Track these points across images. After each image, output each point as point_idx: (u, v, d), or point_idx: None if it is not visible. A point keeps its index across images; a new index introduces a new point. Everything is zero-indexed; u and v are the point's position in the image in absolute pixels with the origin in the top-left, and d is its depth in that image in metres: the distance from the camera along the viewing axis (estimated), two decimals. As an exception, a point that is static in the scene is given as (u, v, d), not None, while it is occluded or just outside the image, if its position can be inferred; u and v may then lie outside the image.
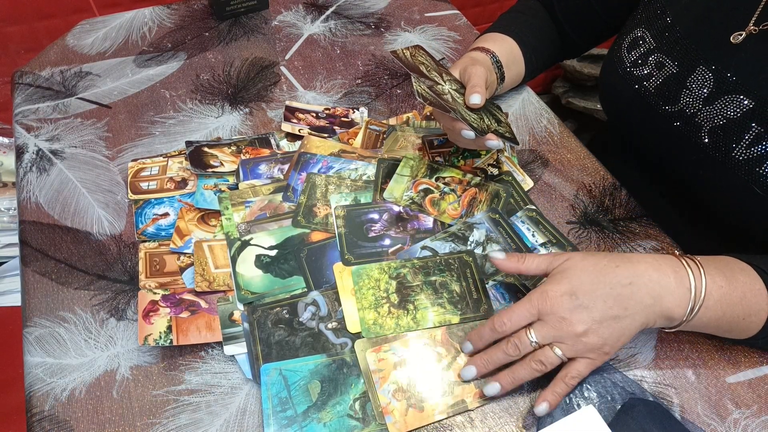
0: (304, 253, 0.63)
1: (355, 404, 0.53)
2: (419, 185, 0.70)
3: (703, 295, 0.51)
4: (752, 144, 0.57)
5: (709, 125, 0.60)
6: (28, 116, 0.78)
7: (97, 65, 0.85)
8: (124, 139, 0.76)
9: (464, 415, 0.54)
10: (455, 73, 0.68)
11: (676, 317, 0.52)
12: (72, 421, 0.53)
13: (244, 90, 0.83)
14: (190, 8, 0.96)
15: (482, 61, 0.71)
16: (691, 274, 0.52)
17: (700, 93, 0.61)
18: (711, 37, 0.60)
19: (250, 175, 0.70)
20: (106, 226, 0.67)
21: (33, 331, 0.58)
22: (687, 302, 0.51)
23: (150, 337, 0.56)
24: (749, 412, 0.55)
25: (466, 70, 0.66)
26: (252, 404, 0.54)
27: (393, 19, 0.97)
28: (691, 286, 0.51)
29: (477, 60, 0.71)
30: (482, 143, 0.63)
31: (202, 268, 0.61)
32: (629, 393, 0.56)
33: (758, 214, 0.60)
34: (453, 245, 0.65)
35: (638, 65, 0.67)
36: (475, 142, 0.64)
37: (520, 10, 0.83)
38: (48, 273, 0.63)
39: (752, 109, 0.57)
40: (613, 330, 0.51)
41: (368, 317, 0.58)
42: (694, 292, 0.51)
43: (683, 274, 0.52)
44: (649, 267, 0.52)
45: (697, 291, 0.51)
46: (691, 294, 0.51)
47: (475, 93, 0.63)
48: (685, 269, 0.52)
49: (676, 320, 0.52)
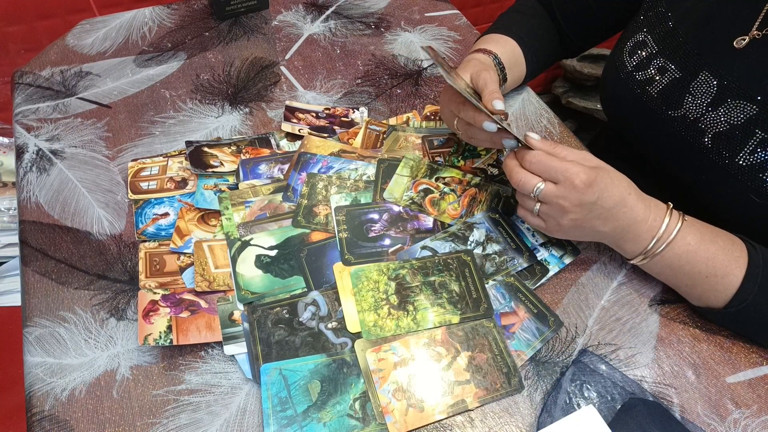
0: (304, 253, 0.63)
1: (355, 404, 0.54)
2: (419, 185, 0.70)
3: (664, 244, 0.56)
4: (755, 150, 0.57)
5: (713, 131, 0.60)
6: (28, 116, 0.78)
7: (97, 65, 0.85)
8: (124, 139, 0.76)
9: (464, 415, 0.54)
10: (465, 77, 0.67)
11: (629, 252, 0.59)
12: (72, 421, 0.53)
13: (244, 90, 0.83)
14: (190, 8, 0.96)
15: (486, 63, 0.71)
16: (665, 225, 0.57)
17: (703, 98, 0.61)
18: (714, 42, 0.60)
19: (250, 175, 0.70)
20: (106, 226, 0.67)
21: (33, 331, 0.58)
22: (645, 245, 0.57)
23: (150, 337, 0.56)
24: (749, 412, 0.55)
25: (480, 75, 0.64)
26: (252, 404, 0.54)
27: (393, 19, 0.97)
28: (657, 233, 0.56)
29: (484, 63, 0.70)
30: (498, 140, 0.62)
31: (202, 268, 0.61)
32: (629, 393, 0.56)
33: (759, 219, 0.60)
34: (453, 245, 0.65)
35: (640, 69, 0.67)
36: (491, 138, 0.63)
37: (520, 10, 0.82)
38: (48, 273, 0.63)
39: (756, 114, 0.57)
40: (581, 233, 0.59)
41: (368, 319, 0.58)
42: (656, 239, 0.57)
43: (658, 222, 0.57)
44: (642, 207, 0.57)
45: (660, 240, 0.57)
46: (652, 239, 0.57)
47: (496, 98, 0.62)
48: (663, 219, 0.57)
49: (628, 254, 0.60)
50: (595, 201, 0.55)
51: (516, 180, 0.58)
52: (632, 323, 0.61)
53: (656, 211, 0.57)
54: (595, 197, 0.55)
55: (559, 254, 0.65)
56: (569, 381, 0.56)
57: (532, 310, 0.61)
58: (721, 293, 0.56)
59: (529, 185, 0.57)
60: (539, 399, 0.55)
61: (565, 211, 0.56)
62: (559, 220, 0.57)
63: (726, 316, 0.57)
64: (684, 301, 0.62)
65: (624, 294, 0.63)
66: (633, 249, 0.58)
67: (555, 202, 0.56)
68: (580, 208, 0.56)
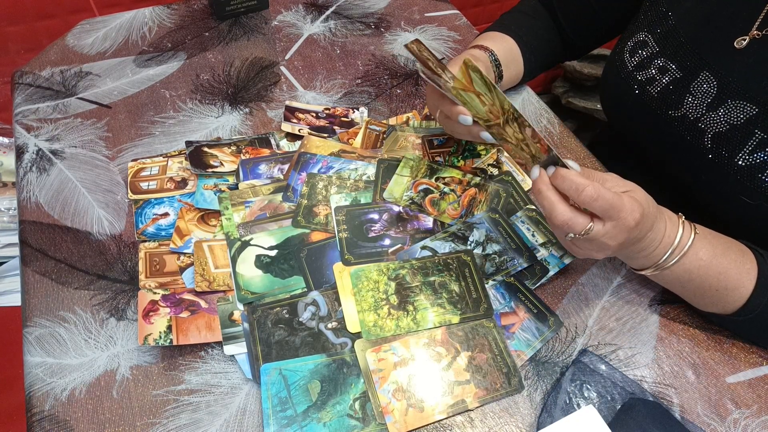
0: (304, 253, 0.63)
1: (355, 404, 0.53)
2: (419, 185, 0.70)
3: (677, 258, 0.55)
4: (755, 150, 0.57)
5: (713, 131, 0.60)
6: (28, 116, 0.78)
7: (97, 65, 0.85)
8: (124, 139, 0.76)
9: (464, 415, 0.54)
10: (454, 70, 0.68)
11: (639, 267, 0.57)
12: (72, 421, 0.53)
13: (244, 90, 0.83)
14: (190, 8, 0.96)
15: (481, 59, 0.71)
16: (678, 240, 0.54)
17: (703, 98, 0.61)
18: (714, 42, 0.60)
19: (250, 175, 0.70)
20: (106, 226, 0.67)
21: (33, 331, 0.58)
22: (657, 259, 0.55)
23: (150, 337, 0.56)
24: (749, 412, 0.55)
25: None
26: (252, 404, 0.54)
27: (393, 19, 0.97)
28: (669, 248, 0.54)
29: (477, 58, 0.71)
30: (477, 132, 0.61)
31: (202, 268, 0.61)
32: (629, 393, 0.56)
33: (759, 219, 0.60)
34: (453, 245, 0.65)
35: (641, 69, 0.67)
36: (469, 130, 0.62)
37: (522, 11, 0.83)
38: (48, 273, 0.63)
39: (756, 115, 0.57)
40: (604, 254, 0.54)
41: (368, 319, 0.58)
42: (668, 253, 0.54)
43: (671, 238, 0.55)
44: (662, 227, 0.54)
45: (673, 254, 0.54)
46: (664, 254, 0.55)
47: None
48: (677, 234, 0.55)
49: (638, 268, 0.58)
50: (637, 235, 0.52)
51: (561, 221, 0.50)
52: (632, 323, 0.61)
53: (670, 225, 0.55)
54: (641, 233, 0.52)
55: (558, 254, 0.65)
56: (569, 381, 0.56)
57: (532, 310, 0.61)
58: (729, 304, 0.56)
59: (579, 227, 0.50)
60: (539, 399, 0.55)
61: (608, 247, 0.52)
62: (596, 254, 0.53)
63: (732, 323, 0.57)
64: (684, 301, 0.62)
65: (624, 294, 0.63)
66: (644, 263, 0.56)
67: (600, 241, 0.51)
68: (623, 245, 0.52)
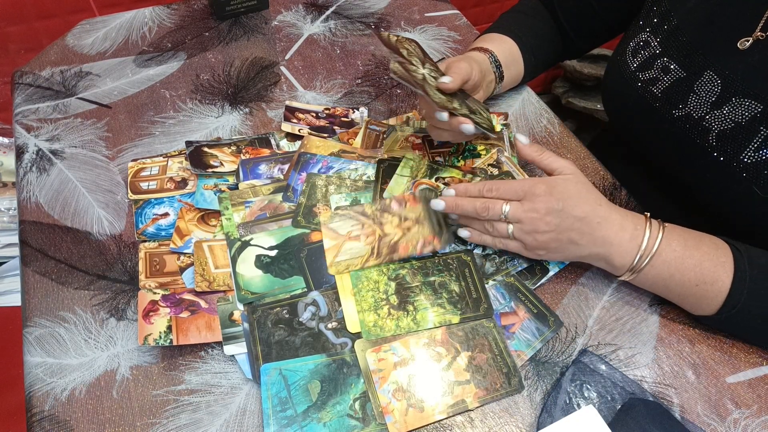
0: (304, 253, 0.63)
1: (355, 404, 0.54)
2: (419, 185, 0.70)
3: (650, 255, 0.56)
4: (760, 147, 0.57)
5: (717, 129, 0.60)
6: (28, 116, 0.78)
7: (97, 65, 0.85)
8: (124, 139, 0.76)
9: (464, 415, 0.54)
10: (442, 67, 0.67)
11: (618, 267, 0.58)
12: (72, 421, 0.53)
13: (244, 90, 0.83)
14: (190, 8, 0.96)
15: (480, 61, 0.71)
16: (647, 235, 0.56)
17: (707, 97, 0.61)
18: (717, 43, 0.60)
19: (250, 175, 0.70)
20: (106, 226, 0.67)
21: (33, 331, 0.58)
22: (632, 258, 0.57)
23: (150, 337, 0.56)
24: (749, 412, 0.55)
25: (452, 65, 0.64)
26: (252, 404, 0.54)
27: (393, 19, 0.97)
28: (642, 244, 0.56)
29: (475, 60, 0.70)
30: (455, 125, 0.62)
31: (202, 268, 0.61)
32: (629, 393, 0.56)
33: (762, 217, 0.60)
34: (453, 245, 0.65)
35: (644, 69, 0.67)
36: (448, 124, 0.62)
37: (521, 10, 0.82)
38: (48, 273, 0.63)
39: (761, 112, 0.57)
40: (560, 247, 0.58)
41: (368, 319, 0.58)
42: (641, 251, 0.56)
43: (640, 233, 0.57)
44: (618, 218, 0.57)
45: (645, 250, 0.56)
46: (638, 252, 0.56)
47: (446, 76, 0.61)
48: (645, 230, 0.57)
49: (618, 270, 0.58)
50: (562, 208, 0.56)
51: (481, 207, 0.59)
52: (632, 323, 0.61)
53: (635, 221, 0.57)
54: (561, 204, 0.56)
55: (559, 254, 0.65)
56: (569, 381, 0.56)
57: (532, 310, 0.61)
58: (712, 300, 0.56)
59: (497, 208, 0.58)
60: (539, 399, 0.55)
61: (538, 222, 0.57)
62: (536, 236, 0.57)
63: (719, 322, 0.57)
64: (684, 301, 0.62)
65: (624, 294, 0.63)
66: (621, 263, 0.57)
67: (525, 216, 0.57)
68: (550, 216, 0.56)
